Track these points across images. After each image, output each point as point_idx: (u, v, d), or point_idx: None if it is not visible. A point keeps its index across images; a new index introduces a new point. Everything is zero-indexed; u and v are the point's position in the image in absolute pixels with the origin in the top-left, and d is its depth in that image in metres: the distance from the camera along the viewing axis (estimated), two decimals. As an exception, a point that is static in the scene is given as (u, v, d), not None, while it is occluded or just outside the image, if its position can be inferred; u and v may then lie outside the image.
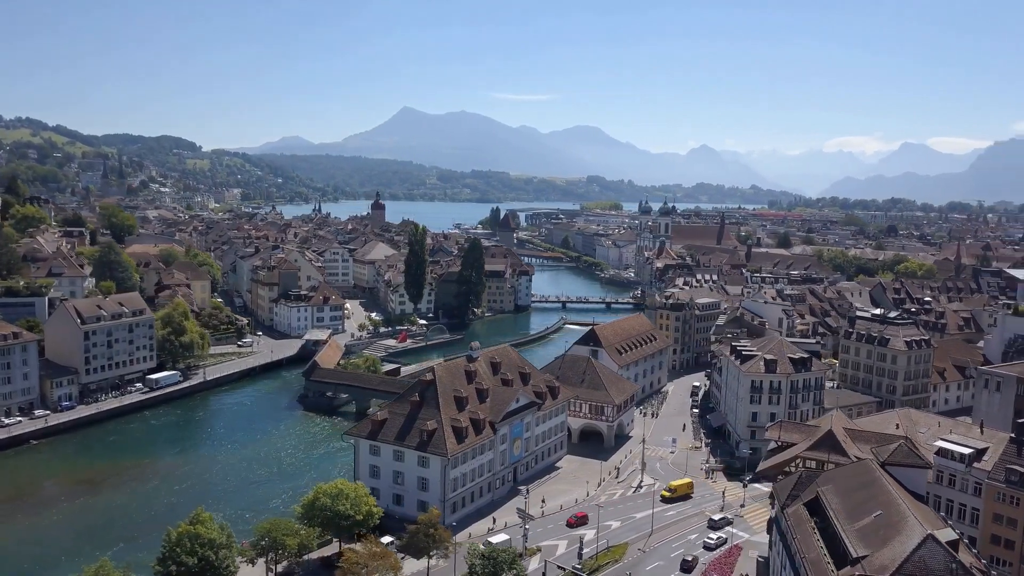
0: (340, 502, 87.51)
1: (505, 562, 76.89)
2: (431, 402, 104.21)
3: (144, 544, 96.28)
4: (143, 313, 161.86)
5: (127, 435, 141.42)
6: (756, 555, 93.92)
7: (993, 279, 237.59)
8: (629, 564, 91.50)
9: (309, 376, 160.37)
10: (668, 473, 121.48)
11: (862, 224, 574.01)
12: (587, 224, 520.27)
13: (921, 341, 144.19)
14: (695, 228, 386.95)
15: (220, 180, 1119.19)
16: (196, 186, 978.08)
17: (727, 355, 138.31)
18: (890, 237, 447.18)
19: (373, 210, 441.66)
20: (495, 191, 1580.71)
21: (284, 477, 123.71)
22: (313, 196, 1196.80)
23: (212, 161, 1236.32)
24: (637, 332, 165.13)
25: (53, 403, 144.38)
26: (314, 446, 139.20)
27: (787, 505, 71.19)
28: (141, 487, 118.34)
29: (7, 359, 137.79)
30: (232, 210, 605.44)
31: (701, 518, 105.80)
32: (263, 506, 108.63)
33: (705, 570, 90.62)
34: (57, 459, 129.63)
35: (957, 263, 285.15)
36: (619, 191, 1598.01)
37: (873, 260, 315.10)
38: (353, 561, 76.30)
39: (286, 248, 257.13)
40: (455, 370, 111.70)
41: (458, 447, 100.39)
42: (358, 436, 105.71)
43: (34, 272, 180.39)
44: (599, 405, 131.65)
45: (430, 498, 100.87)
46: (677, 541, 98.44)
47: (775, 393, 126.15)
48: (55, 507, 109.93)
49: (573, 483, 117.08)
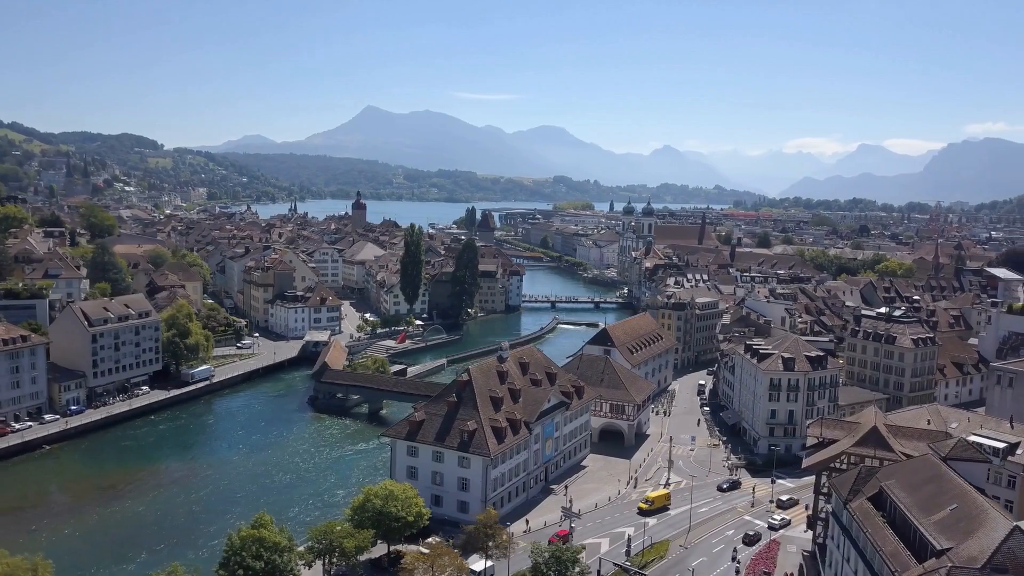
0: (391, 504, 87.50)
1: (570, 560, 77.67)
2: (469, 402, 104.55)
3: (179, 551, 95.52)
4: (149, 315, 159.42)
5: (140, 440, 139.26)
6: (796, 550, 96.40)
7: (975, 278, 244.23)
8: (674, 560, 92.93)
9: (319, 378, 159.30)
10: (692, 471, 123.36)
11: (833, 224, 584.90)
12: (565, 224, 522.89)
13: (927, 339, 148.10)
14: (677, 228, 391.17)
15: (184, 179, 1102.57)
16: (161, 185, 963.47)
17: (741, 353, 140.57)
18: (862, 237, 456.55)
19: (354, 210, 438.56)
20: (462, 191, 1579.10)
21: (305, 482, 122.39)
22: (280, 195, 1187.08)
23: (175, 160, 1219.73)
24: (645, 332, 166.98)
25: (61, 407, 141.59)
26: (330, 448, 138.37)
27: (849, 500, 72.80)
28: (163, 493, 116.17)
29: (15, 363, 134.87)
30: (206, 209, 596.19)
31: (734, 514, 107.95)
32: (289, 512, 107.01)
33: (749, 564, 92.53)
34: (73, 465, 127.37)
35: (935, 262, 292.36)
36: (585, 191, 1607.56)
37: (852, 259, 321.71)
38: (418, 561, 76.38)
39: (280, 249, 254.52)
40: (488, 371, 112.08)
41: (499, 447, 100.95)
42: (395, 437, 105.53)
43: (29, 274, 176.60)
44: (620, 404, 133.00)
45: (470, 498, 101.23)
46: (716, 537, 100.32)
47: (793, 391, 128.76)
48: (81, 514, 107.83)
49: (602, 481, 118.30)
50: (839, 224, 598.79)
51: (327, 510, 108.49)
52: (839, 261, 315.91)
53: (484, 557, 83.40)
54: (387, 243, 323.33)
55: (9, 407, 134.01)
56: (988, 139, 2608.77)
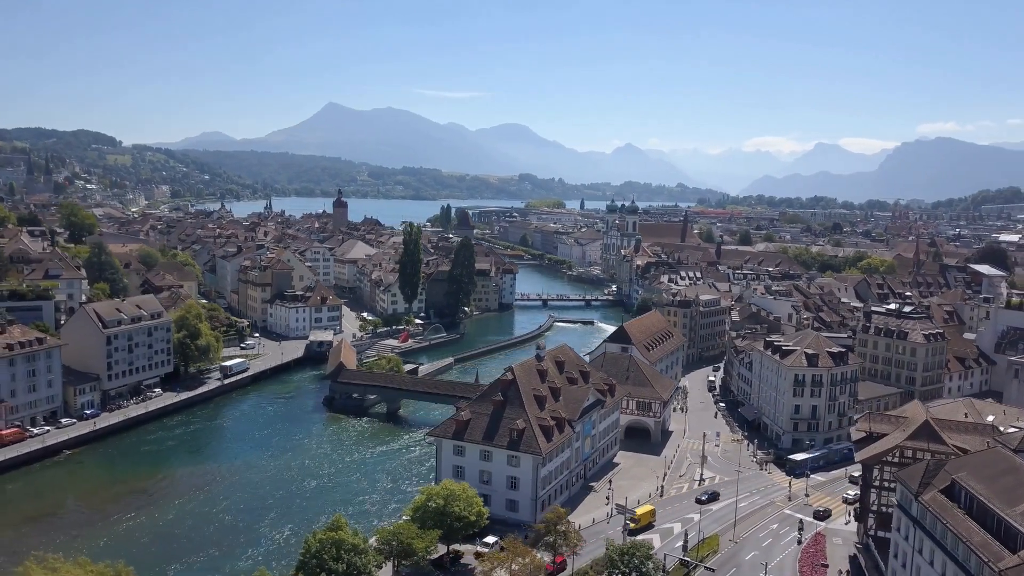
0: (453, 504, 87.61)
1: (645, 556, 78.63)
2: (515, 401, 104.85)
3: (223, 559, 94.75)
4: (160, 316, 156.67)
5: (160, 443, 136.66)
6: (841, 542, 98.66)
7: (959, 274, 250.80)
8: (728, 555, 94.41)
9: (335, 378, 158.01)
10: (721, 466, 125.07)
11: (807, 222, 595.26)
12: (543, 222, 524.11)
13: (937, 334, 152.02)
14: (660, 226, 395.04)
15: (145, 177, 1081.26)
16: (122, 183, 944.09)
17: (760, 350, 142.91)
18: (836, 234, 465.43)
19: (335, 208, 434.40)
20: (428, 188, 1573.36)
21: (337, 486, 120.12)
22: (244, 193, 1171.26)
23: (134, 157, 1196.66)
24: (657, 329, 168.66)
25: (76, 411, 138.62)
26: (353, 450, 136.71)
27: (920, 492, 74.78)
28: (192, 498, 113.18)
29: (32, 366, 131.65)
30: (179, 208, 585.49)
31: (774, 508, 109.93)
32: (322, 519, 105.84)
33: (801, 557, 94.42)
34: (97, 470, 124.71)
35: (916, 259, 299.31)
36: (551, 189, 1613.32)
37: (833, 257, 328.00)
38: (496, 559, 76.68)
39: (277, 248, 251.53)
40: (529, 370, 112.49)
41: (548, 445, 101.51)
42: (442, 436, 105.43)
43: (28, 274, 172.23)
44: (647, 401, 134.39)
45: (520, 497, 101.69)
46: (762, 531, 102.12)
47: (817, 386, 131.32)
48: (118, 520, 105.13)
49: (638, 478, 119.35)
50: (811, 222, 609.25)
51: (361, 516, 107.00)
52: (821, 258, 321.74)
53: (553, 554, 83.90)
54: (374, 241, 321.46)
55: (26, 411, 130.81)
56: (940, 138, 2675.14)
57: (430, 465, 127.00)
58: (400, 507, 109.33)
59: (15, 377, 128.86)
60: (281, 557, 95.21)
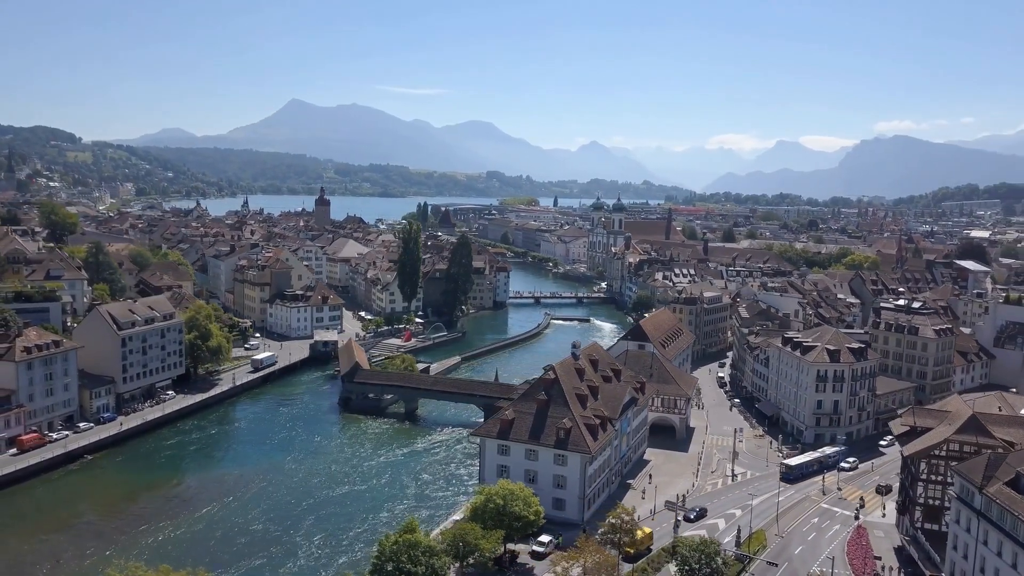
0: (513, 503, 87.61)
1: (714, 552, 79.48)
2: (559, 400, 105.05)
3: (264, 569, 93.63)
4: (172, 317, 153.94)
5: (180, 448, 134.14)
6: (883, 534, 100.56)
7: (946, 270, 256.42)
8: (778, 549, 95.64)
9: (351, 378, 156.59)
10: (750, 462, 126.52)
11: (780, 219, 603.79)
12: (524, 220, 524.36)
13: (946, 330, 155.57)
14: (645, 224, 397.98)
15: (107, 174, 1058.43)
16: (85, 180, 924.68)
17: (778, 346, 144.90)
18: (811, 231, 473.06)
19: (318, 206, 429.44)
20: (396, 185, 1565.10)
21: (370, 490, 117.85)
22: (210, 191, 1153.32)
23: (94, 154, 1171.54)
24: (669, 327, 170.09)
25: (92, 415, 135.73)
26: (377, 452, 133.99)
27: (984, 485, 76.59)
28: (224, 504, 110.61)
29: (49, 369, 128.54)
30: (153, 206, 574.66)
31: (810, 502, 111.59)
32: (356, 526, 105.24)
33: (847, 550, 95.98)
34: (122, 474, 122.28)
35: (899, 255, 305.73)
36: (519, 186, 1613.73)
37: (817, 253, 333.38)
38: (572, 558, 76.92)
39: (274, 247, 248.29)
40: (569, 368, 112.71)
41: (595, 444, 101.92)
42: (487, 436, 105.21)
43: (29, 275, 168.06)
44: (673, 398, 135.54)
45: (567, 495, 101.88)
46: (805, 525, 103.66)
47: (839, 381, 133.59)
48: (154, 526, 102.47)
49: (672, 475, 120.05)
50: (786, 219, 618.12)
51: (396, 521, 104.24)
52: (805, 255, 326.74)
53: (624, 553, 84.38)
54: (362, 239, 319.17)
55: (43, 415, 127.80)
56: (897, 136, 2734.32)
57: (459, 467, 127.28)
58: (434, 513, 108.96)
59: (33, 381, 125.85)
60: (320, 568, 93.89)
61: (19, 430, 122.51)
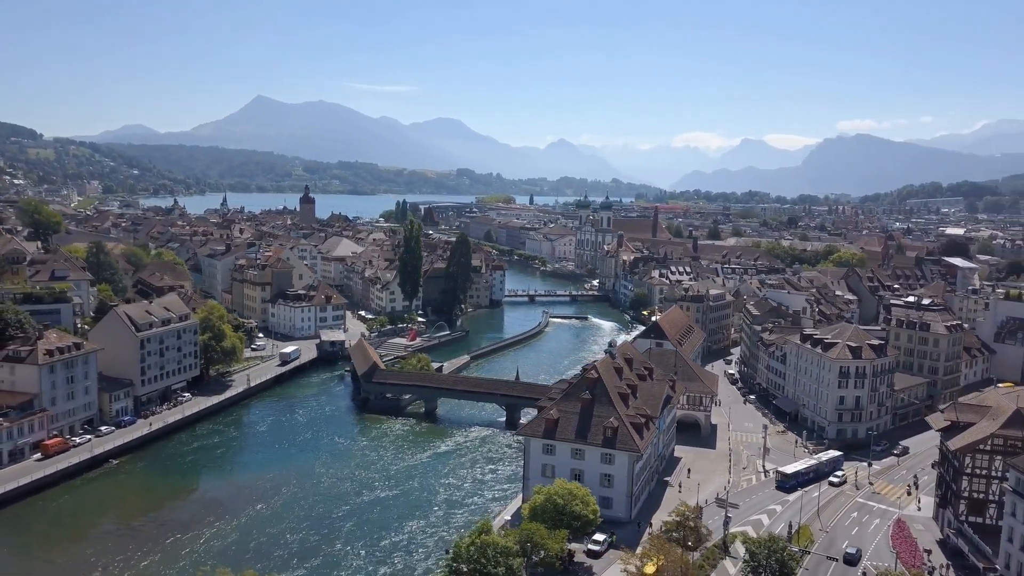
0: (573, 503, 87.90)
1: (781, 549, 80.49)
2: (603, 399, 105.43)
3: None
4: (188, 318, 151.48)
5: (204, 451, 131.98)
6: (922, 527, 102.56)
7: (935, 267, 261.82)
8: (826, 543, 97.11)
9: (369, 378, 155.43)
10: (778, 458, 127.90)
11: (758, 217, 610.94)
12: (507, 218, 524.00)
13: (957, 326, 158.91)
14: (630, 222, 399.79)
15: (72, 172, 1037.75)
16: (50, 178, 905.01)
17: (797, 343, 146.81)
18: (791, 228, 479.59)
19: (302, 204, 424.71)
20: (365, 183, 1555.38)
21: (401, 498, 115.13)
22: (178, 188, 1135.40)
23: (57, 151, 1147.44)
24: (682, 324, 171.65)
25: (111, 418, 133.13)
26: (403, 455, 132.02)
27: (1044, 478, 78.68)
28: (256, 513, 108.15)
29: (70, 372, 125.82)
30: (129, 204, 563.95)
31: (845, 497, 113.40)
32: (393, 534, 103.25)
33: (892, 544, 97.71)
34: (150, 479, 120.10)
35: (885, 253, 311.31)
36: (489, 184, 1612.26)
37: (803, 251, 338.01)
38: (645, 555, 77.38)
39: (275, 247, 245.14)
40: (609, 367, 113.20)
41: (642, 442, 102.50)
42: (532, 435, 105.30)
43: (33, 276, 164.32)
44: (698, 395, 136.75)
45: (614, 494, 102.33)
46: (846, 520, 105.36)
47: (860, 378, 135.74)
48: (195, 532, 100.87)
49: (705, 472, 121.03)
50: (764, 216, 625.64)
51: (433, 527, 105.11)
52: (792, 252, 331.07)
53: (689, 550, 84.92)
54: (352, 238, 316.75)
55: (65, 420, 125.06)
56: (859, 135, 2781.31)
57: (485, 471, 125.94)
58: (470, 517, 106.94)
59: (55, 384, 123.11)
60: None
61: (42, 435, 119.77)
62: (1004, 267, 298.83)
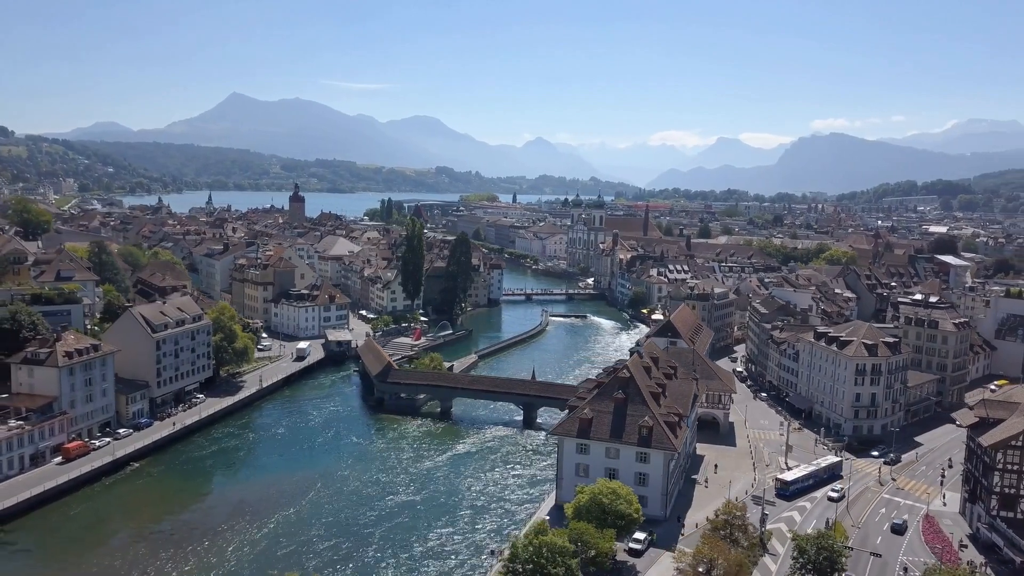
0: (618, 502, 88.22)
1: (830, 546, 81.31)
2: (637, 398, 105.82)
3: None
4: (201, 319, 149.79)
5: (224, 454, 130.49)
6: (951, 522, 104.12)
7: (928, 265, 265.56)
8: (860, 539, 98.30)
9: (384, 379, 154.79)
10: (799, 455, 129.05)
11: (743, 215, 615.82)
12: (495, 217, 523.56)
13: (964, 323, 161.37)
14: (622, 220, 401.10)
15: (45, 169, 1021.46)
16: (23, 175, 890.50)
17: (812, 341, 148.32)
18: (777, 227, 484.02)
19: (292, 203, 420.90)
20: (344, 181, 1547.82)
21: (427, 502, 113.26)
22: (154, 187, 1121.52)
23: (29, 148, 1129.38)
24: (693, 323, 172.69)
25: (128, 420, 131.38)
26: (424, 456, 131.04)
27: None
28: (282, 519, 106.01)
29: (88, 375, 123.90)
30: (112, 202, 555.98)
31: (872, 493, 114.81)
32: (419, 543, 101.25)
33: (927, 539, 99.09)
34: (173, 482, 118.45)
35: (875, 250, 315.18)
36: (468, 182, 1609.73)
37: (794, 249, 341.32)
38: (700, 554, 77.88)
39: (276, 246, 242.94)
40: (639, 366, 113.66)
41: (677, 440, 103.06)
42: (565, 435, 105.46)
43: (39, 276, 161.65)
44: (717, 393, 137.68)
45: (649, 492, 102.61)
46: (875, 516, 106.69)
47: (876, 375, 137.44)
48: (209, 547, 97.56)
49: (728, 469, 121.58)
50: (749, 215, 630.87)
51: (463, 532, 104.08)
52: (784, 250, 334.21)
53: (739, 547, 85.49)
54: (345, 236, 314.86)
55: (84, 422, 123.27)
56: (833, 134, 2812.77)
57: (507, 473, 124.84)
58: (500, 522, 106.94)
59: (74, 387, 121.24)
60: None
61: (63, 438, 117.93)
62: (991, 265, 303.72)
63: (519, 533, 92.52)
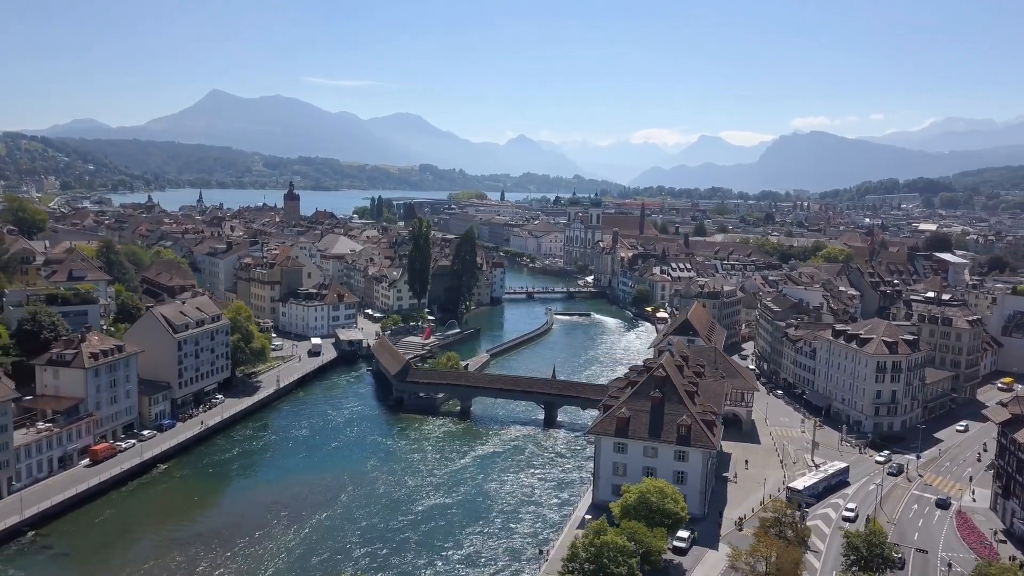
0: (665, 501, 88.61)
1: (883, 543, 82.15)
2: (673, 397, 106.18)
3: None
4: (219, 319, 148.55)
5: (249, 456, 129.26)
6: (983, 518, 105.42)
7: (927, 262, 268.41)
8: (896, 534, 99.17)
9: (404, 378, 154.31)
10: (823, 452, 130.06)
11: (734, 213, 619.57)
12: (488, 214, 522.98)
13: (976, 320, 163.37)
14: (620, 218, 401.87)
15: (25, 167, 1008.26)
16: (3, 173, 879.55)
17: (830, 338, 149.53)
18: (768, 224, 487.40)
19: (287, 201, 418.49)
20: (327, 178, 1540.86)
21: (459, 506, 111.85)
22: (137, 184, 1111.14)
23: (8, 145, 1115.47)
24: (707, 321, 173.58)
25: (151, 422, 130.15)
26: (450, 458, 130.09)
27: None
28: (315, 524, 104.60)
29: (113, 376, 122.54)
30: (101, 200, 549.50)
31: (901, 490, 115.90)
32: (462, 544, 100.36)
33: (959, 535, 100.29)
34: (202, 484, 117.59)
35: (871, 248, 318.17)
36: (452, 180, 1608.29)
37: (791, 247, 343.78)
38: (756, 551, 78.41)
39: (282, 245, 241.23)
40: (671, 365, 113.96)
41: (714, 438, 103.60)
42: (603, 434, 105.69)
43: (49, 276, 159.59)
44: (740, 391, 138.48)
45: (688, 491, 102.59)
46: (908, 512, 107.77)
47: (897, 372, 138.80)
48: (242, 552, 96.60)
49: (757, 466, 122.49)
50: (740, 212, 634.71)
51: (499, 535, 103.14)
52: (781, 248, 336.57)
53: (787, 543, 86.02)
54: (344, 235, 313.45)
55: (108, 424, 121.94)
56: (814, 132, 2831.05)
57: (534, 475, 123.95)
58: (534, 525, 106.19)
59: (99, 388, 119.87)
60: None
61: (89, 440, 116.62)
62: (986, 262, 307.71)
63: (558, 535, 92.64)
